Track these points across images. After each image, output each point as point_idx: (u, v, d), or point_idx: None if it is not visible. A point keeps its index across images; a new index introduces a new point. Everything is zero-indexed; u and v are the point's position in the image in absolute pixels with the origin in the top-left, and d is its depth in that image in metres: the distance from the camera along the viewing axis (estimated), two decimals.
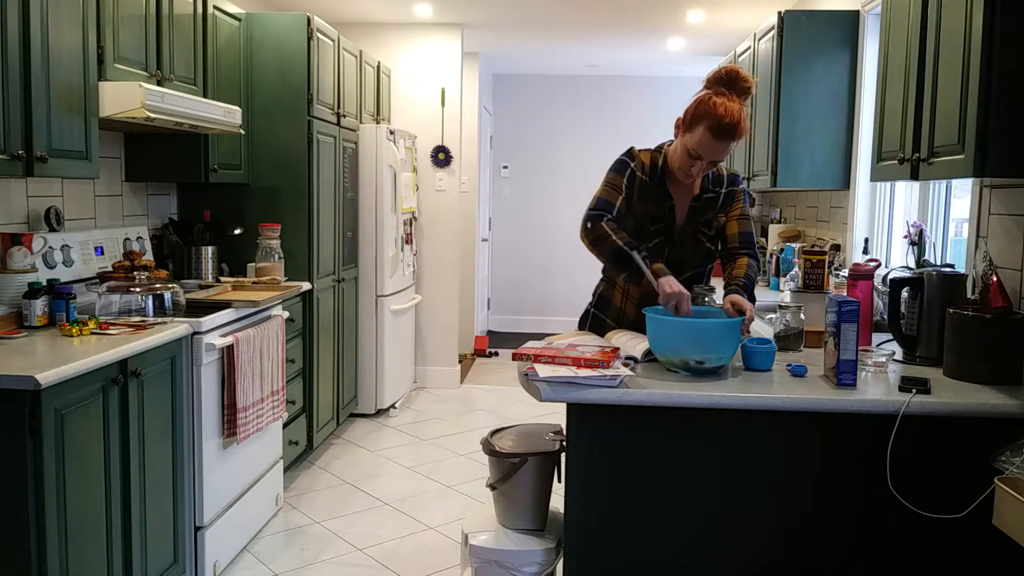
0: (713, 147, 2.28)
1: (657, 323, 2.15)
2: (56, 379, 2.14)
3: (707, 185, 2.49)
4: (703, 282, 2.59)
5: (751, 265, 2.46)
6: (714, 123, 2.24)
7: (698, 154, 2.30)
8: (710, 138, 2.26)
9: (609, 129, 8.35)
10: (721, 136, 2.25)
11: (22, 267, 2.80)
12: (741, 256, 2.49)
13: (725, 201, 2.51)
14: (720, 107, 2.25)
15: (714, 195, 2.49)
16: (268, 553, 3.37)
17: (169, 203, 4.11)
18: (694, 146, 2.29)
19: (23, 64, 2.41)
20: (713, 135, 2.26)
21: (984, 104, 1.99)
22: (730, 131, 2.25)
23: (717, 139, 2.26)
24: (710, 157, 2.30)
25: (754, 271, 2.46)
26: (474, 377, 6.56)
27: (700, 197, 2.48)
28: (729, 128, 2.24)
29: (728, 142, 2.27)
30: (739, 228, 2.51)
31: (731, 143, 2.28)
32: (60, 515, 2.21)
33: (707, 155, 2.29)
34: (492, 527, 2.47)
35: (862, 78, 3.95)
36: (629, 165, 2.44)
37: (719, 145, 2.27)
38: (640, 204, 2.43)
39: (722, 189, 2.50)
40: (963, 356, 2.16)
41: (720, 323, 2.12)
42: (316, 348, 4.33)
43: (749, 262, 2.47)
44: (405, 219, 5.55)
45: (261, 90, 4.17)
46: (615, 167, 2.46)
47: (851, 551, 2.07)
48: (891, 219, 3.88)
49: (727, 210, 2.51)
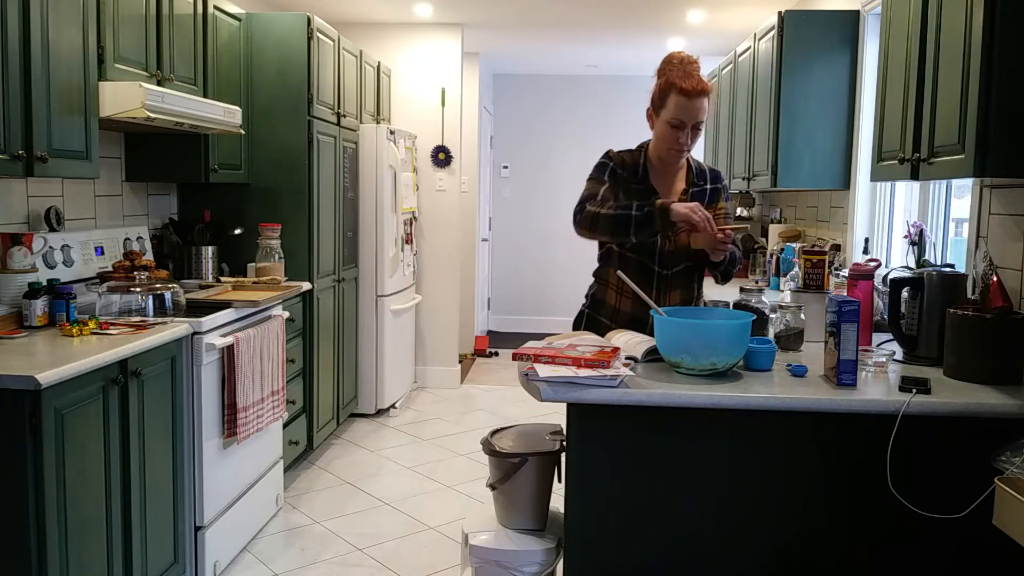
0: (689, 107, 2.41)
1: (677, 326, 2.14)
2: (56, 379, 2.14)
3: (692, 179, 2.59)
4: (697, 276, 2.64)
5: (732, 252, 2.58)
6: (681, 86, 2.40)
7: (679, 120, 2.42)
8: (683, 100, 2.40)
9: (609, 129, 8.35)
10: (691, 95, 2.39)
11: (22, 267, 2.80)
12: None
13: (711, 197, 2.60)
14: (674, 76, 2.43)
15: (700, 189, 2.59)
16: (268, 553, 3.37)
17: (169, 203, 4.11)
18: (672, 115, 2.42)
19: (23, 64, 2.41)
20: (684, 96, 2.40)
21: (984, 104, 1.99)
22: (697, 88, 2.40)
23: (689, 99, 2.40)
24: (691, 119, 2.42)
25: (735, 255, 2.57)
26: (474, 377, 6.56)
27: (688, 191, 2.57)
28: (695, 85, 2.39)
29: (700, 100, 2.41)
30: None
31: (703, 101, 2.41)
32: (60, 515, 2.21)
33: (687, 117, 2.41)
34: (492, 527, 2.47)
35: (862, 78, 3.95)
36: (608, 164, 2.55)
37: (694, 104, 2.41)
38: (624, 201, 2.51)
39: (707, 184, 2.61)
40: (963, 356, 2.16)
41: (731, 325, 2.11)
42: (316, 348, 4.33)
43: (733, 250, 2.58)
44: (405, 219, 5.55)
45: (261, 90, 4.17)
46: (594, 168, 2.58)
47: (851, 551, 2.07)
48: (891, 219, 3.88)
49: (713, 208, 2.58)
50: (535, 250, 8.57)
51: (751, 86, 4.61)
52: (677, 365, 2.14)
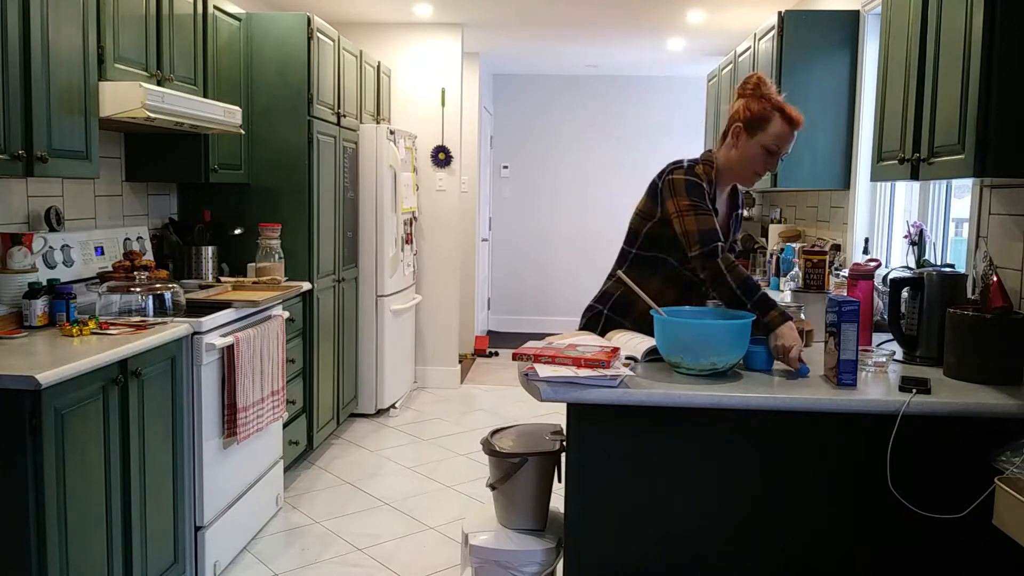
0: (790, 137, 2.41)
1: (677, 326, 2.15)
2: (56, 379, 2.14)
3: (737, 202, 2.60)
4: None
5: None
6: (789, 114, 2.38)
7: (777, 147, 2.40)
8: (787, 129, 2.39)
9: (609, 129, 8.36)
10: (796, 124, 2.39)
11: (22, 267, 2.80)
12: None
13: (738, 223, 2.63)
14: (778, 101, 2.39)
15: (737, 214, 2.61)
16: (268, 553, 3.37)
17: (169, 203, 4.11)
18: (772, 141, 2.39)
19: (23, 64, 2.41)
20: (790, 125, 2.39)
21: (984, 104, 1.99)
22: (800, 119, 2.40)
23: (792, 128, 2.39)
24: (786, 147, 2.42)
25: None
26: (474, 377, 6.56)
27: (732, 215, 2.57)
28: (797, 116, 2.39)
29: (798, 130, 2.41)
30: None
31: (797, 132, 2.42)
32: (60, 515, 2.21)
33: (784, 145, 2.41)
34: (492, 527, 2.47)
35: (862, 78, 3.95)
36: (701, 184, 2.39)
37: (793, 134, 2.41)
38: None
39: (739, 210, 2.62)
40: (963, 356, 2.16)
41: (731, 325, 2.11)
42: (316, 348, 4.33)
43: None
44: (405, 219, 5.55)
45: (261, 90, 4.17)
46: (693, 191, 2.37)
47: (851, 551, 2.07)
48: (891, 219, 3.88)
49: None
50: (535, 250, 8.57)
51: None
52: (677, 365, 2.14)
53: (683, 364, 2.11)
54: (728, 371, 2.15)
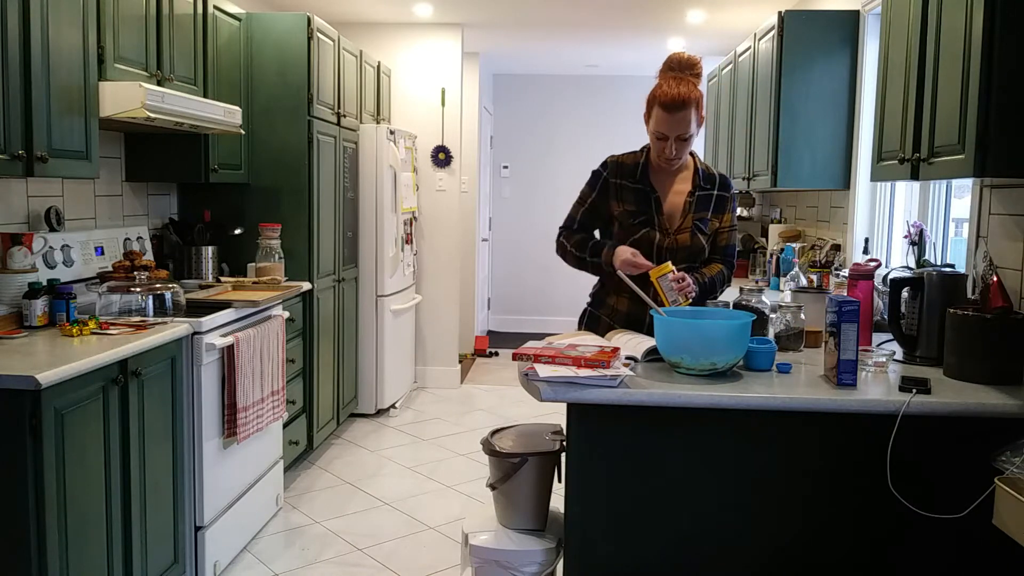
0: (669, 121, 2.45)
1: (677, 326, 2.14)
2: (56, 379, 2.14)
3: (699, 182, 2.62)
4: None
5: (722, 272, 2.64)
6: (661, 100, 2.45)
7: (661, 133, 2.48)
8: (663, 114, 2.46)
9: (609, 129, 8.35)
10: (670, 108, 2.43)
11: (22, 267, 2.80)
12: (718, 263, 2.66)
13: (718, 204, 2.63)
14: (662, 86, 2.48)
15: (706, 193, 2.62)
16: (268, 553, 3.37)
17: (169, 203, 4.11)
18: (655, 128, 2.49)
19: (23, 64, 2.41)
20: (664, 110, 2.45)
21: (984, 104, 1.99)
22: (676, 101, 2.43)
23: (668, 112, 2.44)
24: (672, 132, 2.46)
25: (721, 279, 2.64)
26: (474, 377, 6.56)
27: (693, 193, 2.60)
28: (674, 99, 2.43)
29: (681, 113, 2.44)
30: (727, 241, 2.68)
31: (685, 114, 2.44)
32: (60, 515, 2.21)
33: (668, 130, 2.47)
34: (492, 527, 2.47)
35: (862, 78, 3.95)
36: (601, 175, 2.64)
37: (673, 118, 2.45)
38: (620, 205, 2.59)
39: (714, 190, 2.63)
40: (963, 356, 2.16)
41: (731, 324, 2.11)
42: (316, 348, 4.33)
43: (722, 269, 2.65)
44: (405, 219, 5.55)
45: (261, 90, 4.17)
46: (588, 180, 2.67)
47: (851, 551, 2.07)
48: (891, 219, 3.88)
49: (720, 216, 2.63)
50: (535, 250, 8.57)
51: (751, 86, 4.61)
52: (677, 365, 2.14)
53: (683, 364, 2.11)
54: (728, 371, 2.16)
